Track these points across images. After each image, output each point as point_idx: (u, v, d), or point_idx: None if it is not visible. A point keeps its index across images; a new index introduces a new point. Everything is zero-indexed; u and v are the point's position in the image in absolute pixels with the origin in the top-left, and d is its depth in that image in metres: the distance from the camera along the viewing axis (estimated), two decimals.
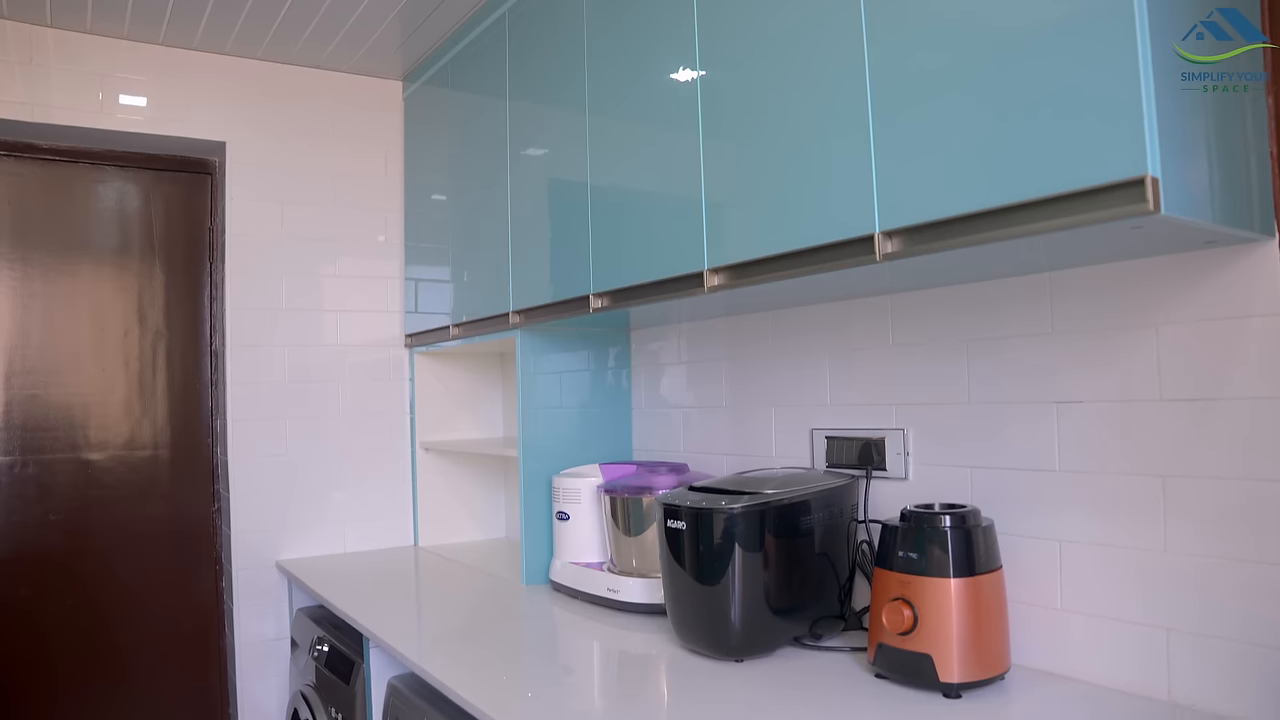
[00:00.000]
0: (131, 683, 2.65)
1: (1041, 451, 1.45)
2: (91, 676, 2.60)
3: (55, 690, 2.56)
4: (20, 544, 2.52)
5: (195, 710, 2.74)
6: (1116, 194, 0.98)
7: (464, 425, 2.93)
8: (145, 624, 2.68)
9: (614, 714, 1.40)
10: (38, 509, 2.54)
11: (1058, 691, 1.37)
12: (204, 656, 2.76)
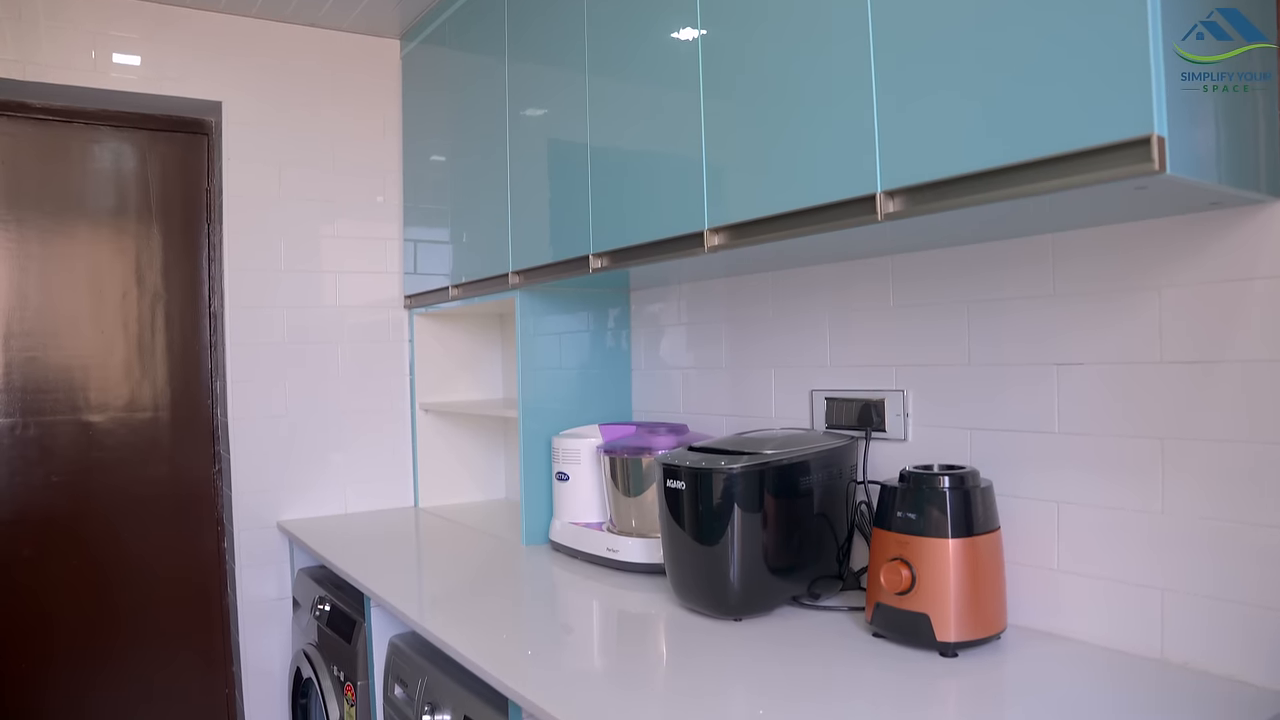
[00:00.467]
0: (136, 642, 2.68)
1: (1041, 413, 1.45)
2: (96, 636, 2.63)
3: (61, 649, 2.58)
4: (24, 505, 2.53)
5: (200, 669, 2.77)
6: (1122, 153, 0.97)
7: (464, 386, 2.93)
8: (148, 584, 2.70)
9: (613, 671, 1.42)
10: (40, 471, 2.55)
11: (1052, 650, 1.38)
12: (207, 616, 2.78)
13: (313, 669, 2.28)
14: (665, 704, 1.25)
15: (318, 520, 2.64)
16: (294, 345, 2.68)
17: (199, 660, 2.77)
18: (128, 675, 2.66)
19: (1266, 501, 1.19)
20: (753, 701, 1.24)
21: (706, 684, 1.31)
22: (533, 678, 1.34)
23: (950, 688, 1.26)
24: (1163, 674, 1.26)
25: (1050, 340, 1.44)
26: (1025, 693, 1.25)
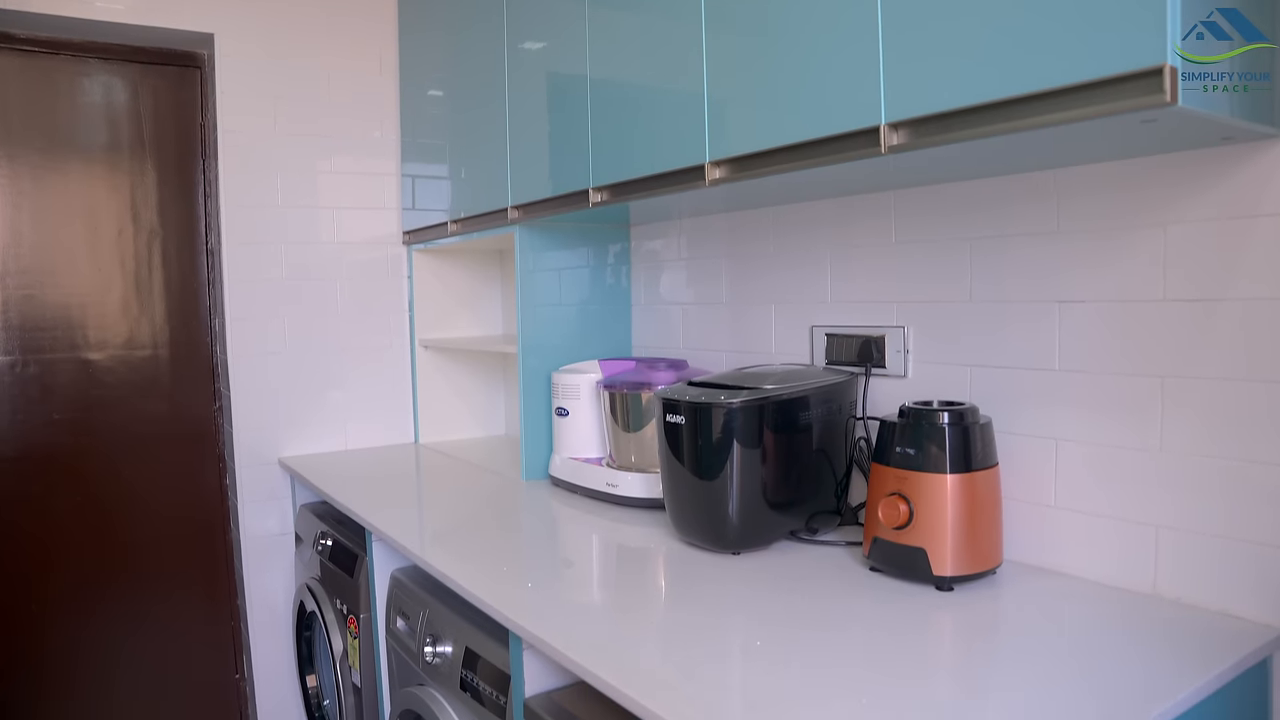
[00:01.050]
0: (141, 579, 2.71)
1: (1041, 351, 1.45)
2: (103, 572, 2.66)
3: (66, 587, 2.61)
4: (27, 443, 2.54)
5: (205, 605, 2.81)
6: (1133, 84, 0.95)
7: (463, 323, 2.93)
8: (152, 521, 2.72)
9: (613, 603, 1.44)
10: (41, 409, 2.56)
11: (1046, 585, 1.39)
12: (211, 552, 2.81)
13: (316, 603, 2.31)
14: (664, 634, 1.27)
15: (318, 456, 2.66)
16: (293, 282, 2.66)
17: (204, 595, 2.81)
18: (133, 611, 2.70)
19: (1264, 439, 1.20)
20: (750, 633, 1.25)
21: (704, 616, 1.32)
22: (533, 609, 1.35)
23: (945, 620, 1.28)
24: (1155, 608, 1.28)
25: (1052, 277, 1.43)
26: (1019, 626, 1.27)
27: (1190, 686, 1.03)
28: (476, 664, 1.55)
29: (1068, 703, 1.00)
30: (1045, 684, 1.06)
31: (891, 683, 1.07)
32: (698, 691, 1.06)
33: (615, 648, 1.21)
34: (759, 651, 1.18)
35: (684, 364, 2.10)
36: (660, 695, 1.05)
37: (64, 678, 2.62)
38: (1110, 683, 1.05)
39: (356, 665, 2.09)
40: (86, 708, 2.65)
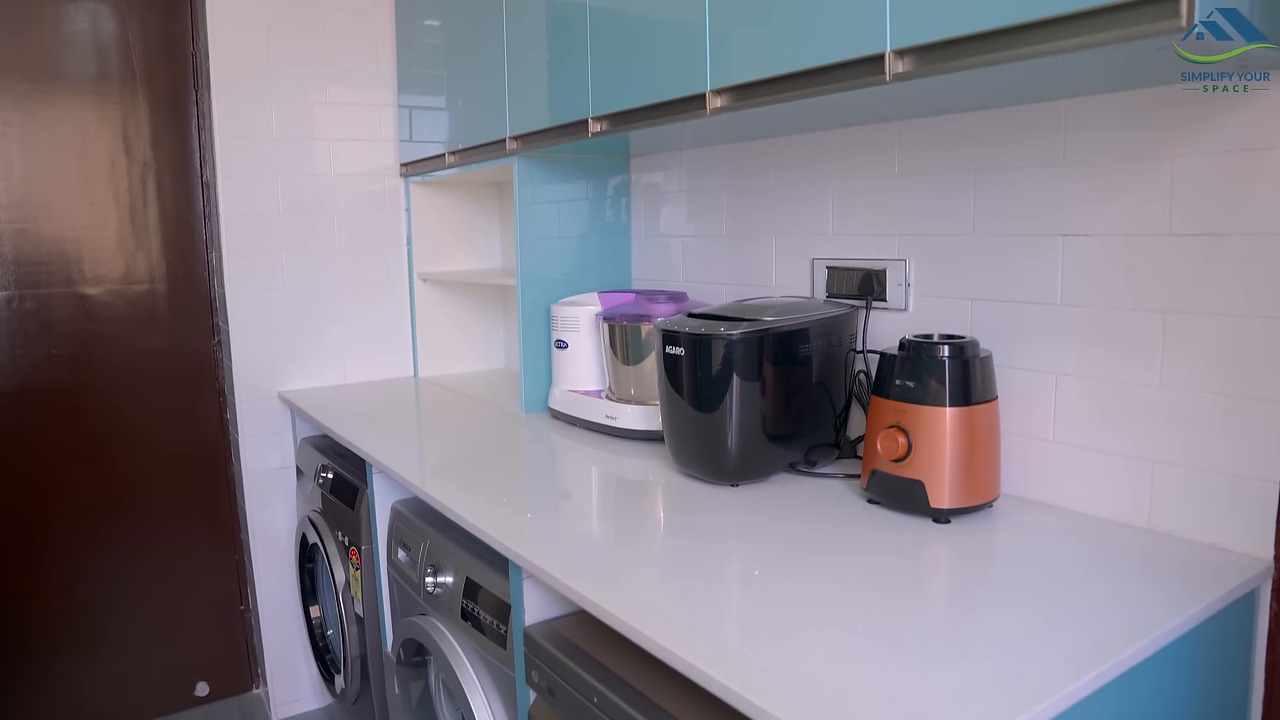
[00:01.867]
0: (144, 513, 2.74)
1: (1044, 285, 1.44)
2: (105, 507, 2.68)
3: (71, 522, 2.64)
4: (26, 378, 2.55)
5: (208, 538, 2.84)
6: (1149, 9, 0.93)
7: (462, 256, 2.91)
8: (154, 456, 2.74)
9: (612, 533, 1.45)
10: (40, 344, 2.55)
11: (1042, 519, 1.40)
12: (213, 486, 2.83)
13: (318, 535, 2.33)
14: (662, 563, 1.28)
15: (318, 390, 2.66)
16: (289, 215, 2.64)
17: (207, 529, 2.84)
18: (137, 546, 2.73)
19: (1263, 375, 1.19)
20: (749, 562, 1.27)
21: (703, 546, 1.33)
22: (533, 539, 1.36)
23: (941, 551, 1.29)
24: (1148, 542, 1.29)
25: (1057, 210, 1.41)
26: (1014, 557, 1.28)
27: (1180, 616, 1.05)
28: (477, 594, 1.57)
29: (1060, 631, 1.02)
30: (1039, 613, 1.07)
31: (887, 611, 1.09)
32: (696, 619, 1.07)
33: (614, 577, 1.22)
34: (757, 580, 1.19)
35: (684, 296, 2.09)
36: (659, 623, 1.06)
37: (68, 612, 2.66)
38: (1102, 612, 1.06)
39: (359, 596, 2.12)
40: (93, 641, 2.70)
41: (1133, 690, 1.01)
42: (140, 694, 2.78)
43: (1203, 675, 1.14)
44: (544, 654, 1.31)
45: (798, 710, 0.86)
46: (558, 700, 1.29)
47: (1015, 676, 0.92)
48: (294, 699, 2.82)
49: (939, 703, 0.87)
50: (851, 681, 0.92)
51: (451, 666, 1.62)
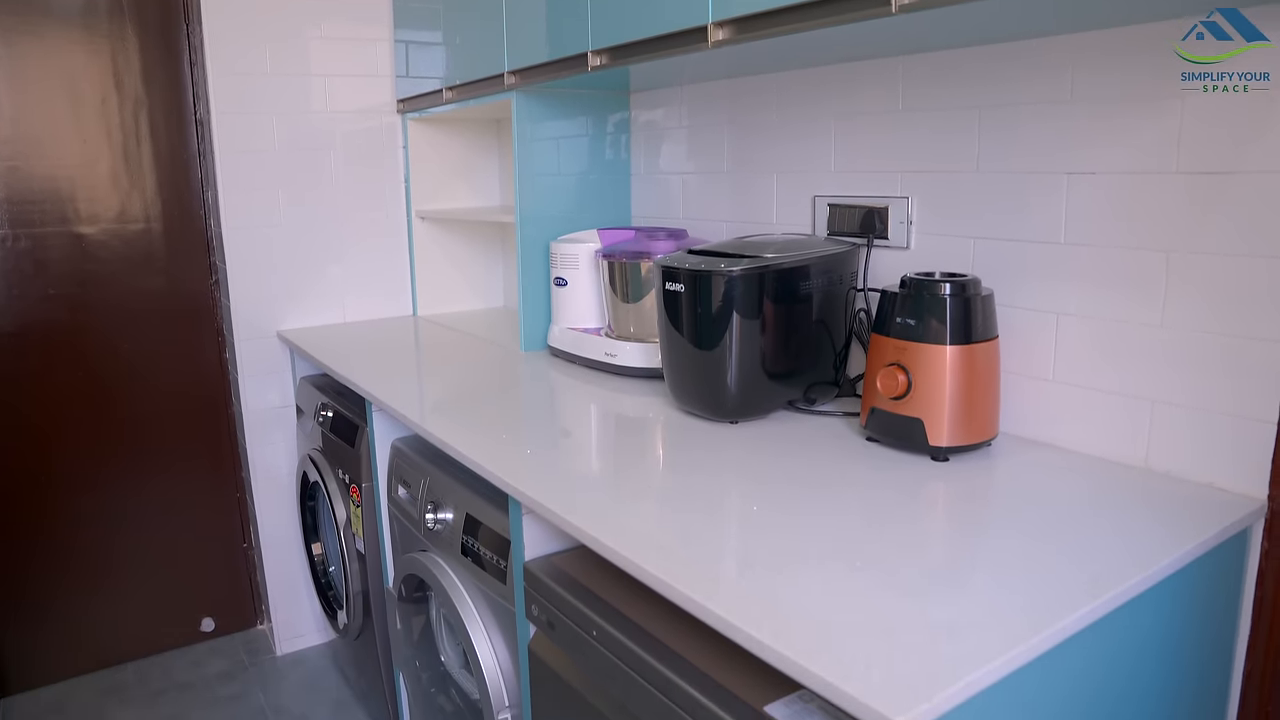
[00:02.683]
0: (145, 453, 2.75)
1: (1047, 223, 1.42)
2: (106, 448, 2.69)
3: (71, 462, 2.65)
4: (24, 319, 2.54)
5: (210, 477, 2.86)
6: None
7: (460, 194, 2.88)
8: (154, 396, 2.74)
9: (611, 469, 1.45)
10: (36, 284, 2.54)
11: (1039, 457, 1.41)
12: (214, 425, 2.84)
13: (319, 473, 2.34)
14: (661, 499, 1.29)
15: (317, 329, 2.65)
16: (286, 153, 2.60)
17: (208, 468, 2.85)
18: (139, 486, 2.75)
19: (1264, 315, 1.19)
20: (747, 498, 1.27)
21: (702, 482, 1.34)
22: (532, 475, 1.37)
23: (939, 489, 1.29)
24: (1145, 481, 1.29)
25: (1063, 148, 1.39)
26: (1011, 495, 1.28)
27: (1174, 553, 1.05)
28: (477, 530, 1.58)
29: (1056, 567, 1.02)
30: (1035, 549, 1.07)
31: (885, 546, 1.09)
32: (694, 553, 1.08)
33: (613, 512, 1.23)
34: (755, 516, 1.20)
35: (684, 233, 2.07)
36: (657, 557, 1.07)
37: (72, 551, 2.69)
38: (1098, 549, 1.07)
39: (360, 533, 2.14)
40: (97, 578, 2.73)
41: (1125, 626, 1.03)
42: (146, 629, 2.82)
43: (1193, 612, 1.15)
44: (543, 588, 1.32)
45: (795, 643, 0.87)
46: (557, 634, 1.30)
47: (1010, 611, 0.93)
48: (297, 634, 2.86)
49: (935, 635, 0.88)
50: (848, 615, 0.93)
51: (452, 601, 1.64)
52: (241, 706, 2.57)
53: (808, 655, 0.85)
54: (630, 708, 1.15)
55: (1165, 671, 1.14)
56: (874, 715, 0.77)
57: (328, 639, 2.86)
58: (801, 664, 0.84)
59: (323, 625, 2.85)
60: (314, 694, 2.63)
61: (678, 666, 1.06)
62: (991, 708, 0.86)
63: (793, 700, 0.97)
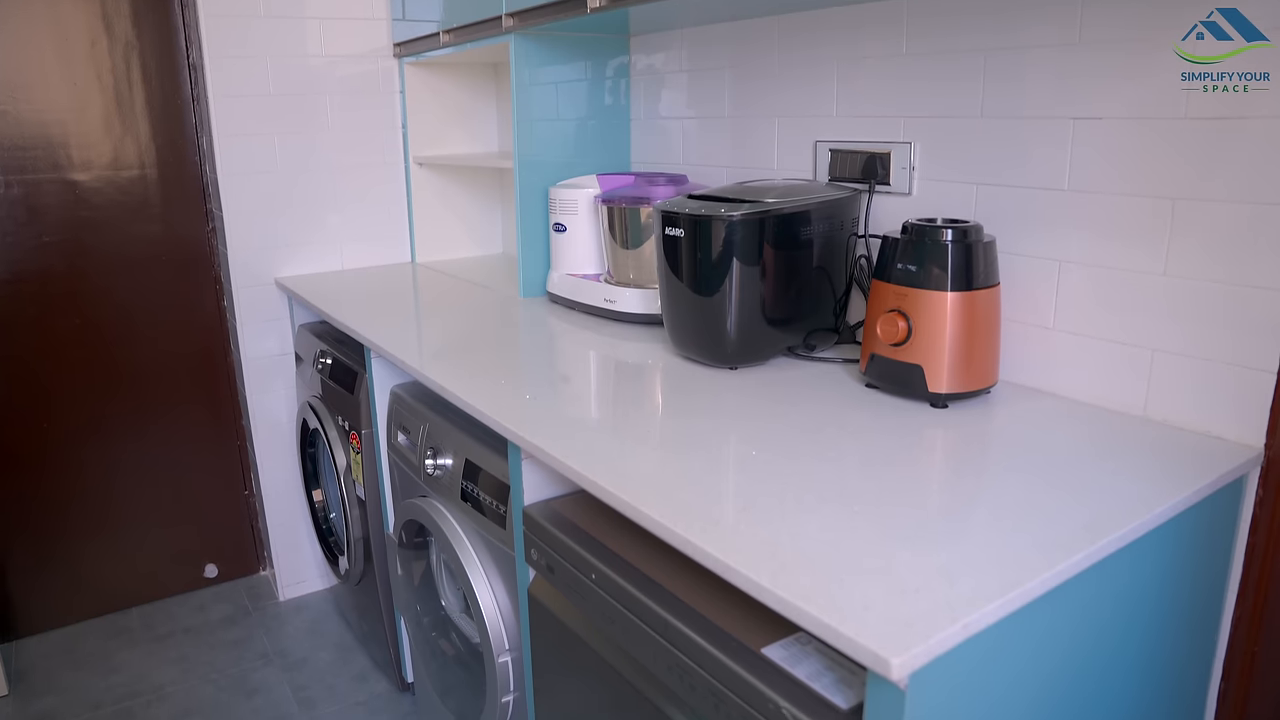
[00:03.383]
0: (146, 401, 2.75)
1: (1052, 169, 1.41)
2: (107, 394, 2.69)
3: (71, 409, 2.65)
4: (20, 266, 2.52)
5: (210, 424, 2.86)
6: None
7: (458, 140, 2.85)
8: (153, 343, 2.73)
9: (611, 414, 1.45)
10: (30, 231, 2.52)
11: (1039, 405, 1.41)
12: (213, 373, 2.84)
13: (318, 420, 2.35)
14: (660, 443, 1.29)
15: (315, 277, 2.64)
16: (281, 98, 2.57)
17: (208, 416, 2.86)
18: (139, 433, 2.75)
19: (1267, 263, 1.18)
20: (746, 443, 1.27)
21: (701, 426, 1.34)
22: (531, 420, 1.36)
23: (938, 435, 1.30)
24: (1144, 429, 1.29)
25: (1070, 93, 1.36)
26: (1010, 442, 1.28)
27: (1170, 500, 1.06)
28: (477, 475, 1.58)
29: (1053, 513, 1.03)
30: (1033, 495, 1.08)
31: (883, 492, 1.10)
32: (693, 497, 1.08)
33: (613, 456, 1.23)
34: (754, 460, 1.20)
35: (684, 179, 2.05)
36: (656, 500, 1.07)
37: (74, 499, 2.70)
38: (1095, 495, 1.07)
39: (360, 479, 2.15)
40: (101, 526, 2.75)
41: (1121, 570, 1.03)
42: (150, 575, 2.85)
43: (1188, 557, 1.16)
44: (543, 533, 1.33)
45: (793, 585, 0.88)
46: (556, 577, 1.31)
47: (1008, 555, 0.93)
48: (300, 580, 2.89)
49: (933, 578, 0.89)
50: (846, 558, 0.93)
51: (452, 546, 1.65)
52: (245, 650, 2.61)
53: (805, 597, 0.85)
54: (629, 650, 1.16)
55: (1158, 616, 1.15)
56: (870, 657, 0.78)
57: (329, 584, 2.89)
58: (799, 606, 0.85)
59: (324, 571, 2.87)
60: (316, 638, 2.66)
61: (676, 609, 1.07)
62: (989, 650, 0.87)
63: (790, 643, 0.98)
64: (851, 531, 0.99)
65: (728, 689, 0.97)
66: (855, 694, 0.89)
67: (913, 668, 0.78)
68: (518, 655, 1.56)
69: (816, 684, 0.91)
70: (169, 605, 2.85)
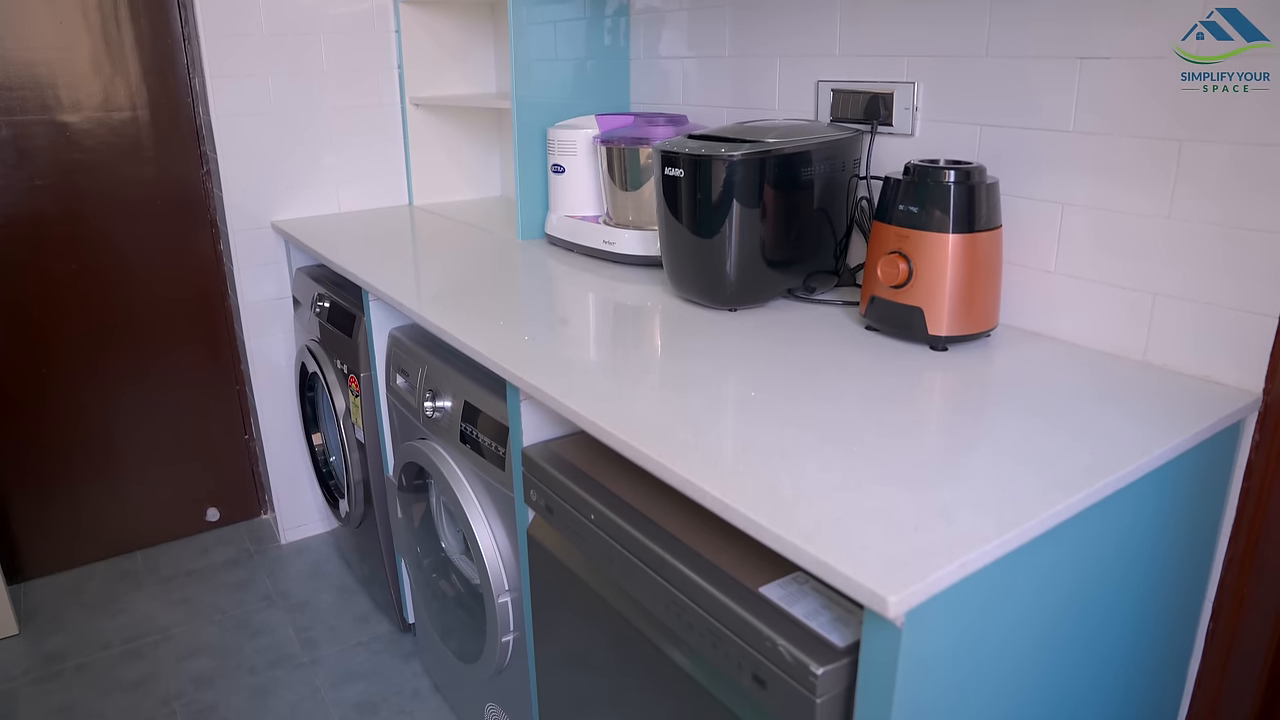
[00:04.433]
0: (144, 344, 2.74)
1: (1057, 110, 1.38)
2: (105, 338, 2.68)
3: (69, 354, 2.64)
4: (12, 209, 2.49)
5: (209, 369, 2.86)
6: None
7: (455, 80, 2.80)
8: (150, 287, 2.72)
9: (610, 355, 1.45)
10: (21, 174, 2.49)
11: (1038, 349, 1.40)
12: (211, 318, 2.83)
13: (317, 364, 2.35)
14: (659, 385, 1.29)
15: (312, 220, 2.62)
16: (274, 37, 2.52)
17: (207, 360, 2.86)
18: (139, 376, 2.75)
19: (1271, 206, 1.16)
20: (745, 384, 1.27)
21: (700, 368, 1.34)
22: (530, 362, 1.36)
23: (937, 378, 1.29)
24: (1143, 373, 1.29)
25: (1079, 30, 1.34)
26: (1009, 384, 1.28)
27: (1168, 443, 1.06)
28: (476, 417, 1.58)
29: (1052, 455, 1.03)
30: (1032, 437, 1.08)
31: (882, 433, 1.10)
32: (692, 437, 1.08)
33: (611, 397, 1.23)
34: (753, 401, 1.20)
35: (684, 119, 2.02)
36: (655, 440, 1.07)
37: (75, 443, 2.71)
38: (1094, 438, 1.07)
39: (359, 422, 2.15)
40: (101, 470, 2.76)
41: (1118, 513, 1.04)
42: (152, 519, 2.87)
43: (1183, 500, 1.17)
44: (542, 474, 1.34)
45: (791, 524, 0.88)
46: (555, 518, 1.32)
47: (1006, 495, 0.94)
48: (300, 523, 2.91)
49: (932, 518, 0.89)
50: (845, 498, 0.94)
51: (451, 489, 1.66)
52: (249, 592, 2.63)
53: (804, 536, 0.86)
54: (628, 590, 1.17)
55: (1155, 558, 1.16)
56: (867, 594, 0.79)
57: (330, 528, 2.92)
58: (797, 544, 0.85)
59: (325, 514, 2.89)
60: (318, 580, 2.69)
61: (674, 549, 1.08)
62: (987, 589, 0.88)
63: (787, 582, 0.99)
64: (850, 472, 0.99)
65: (725, 627, 0.98)
66: (852, 632, 0.90)
67: (909, 605, 0.78)
68: (517, 596, 1.58)
69: (813, 622, 0.92)
70: (172, 549, 2.88)
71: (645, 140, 1.89)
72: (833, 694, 0.88)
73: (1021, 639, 0.97)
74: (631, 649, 1.19)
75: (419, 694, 2.21)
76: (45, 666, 2.33)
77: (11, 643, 2.43)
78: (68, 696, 2.22)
